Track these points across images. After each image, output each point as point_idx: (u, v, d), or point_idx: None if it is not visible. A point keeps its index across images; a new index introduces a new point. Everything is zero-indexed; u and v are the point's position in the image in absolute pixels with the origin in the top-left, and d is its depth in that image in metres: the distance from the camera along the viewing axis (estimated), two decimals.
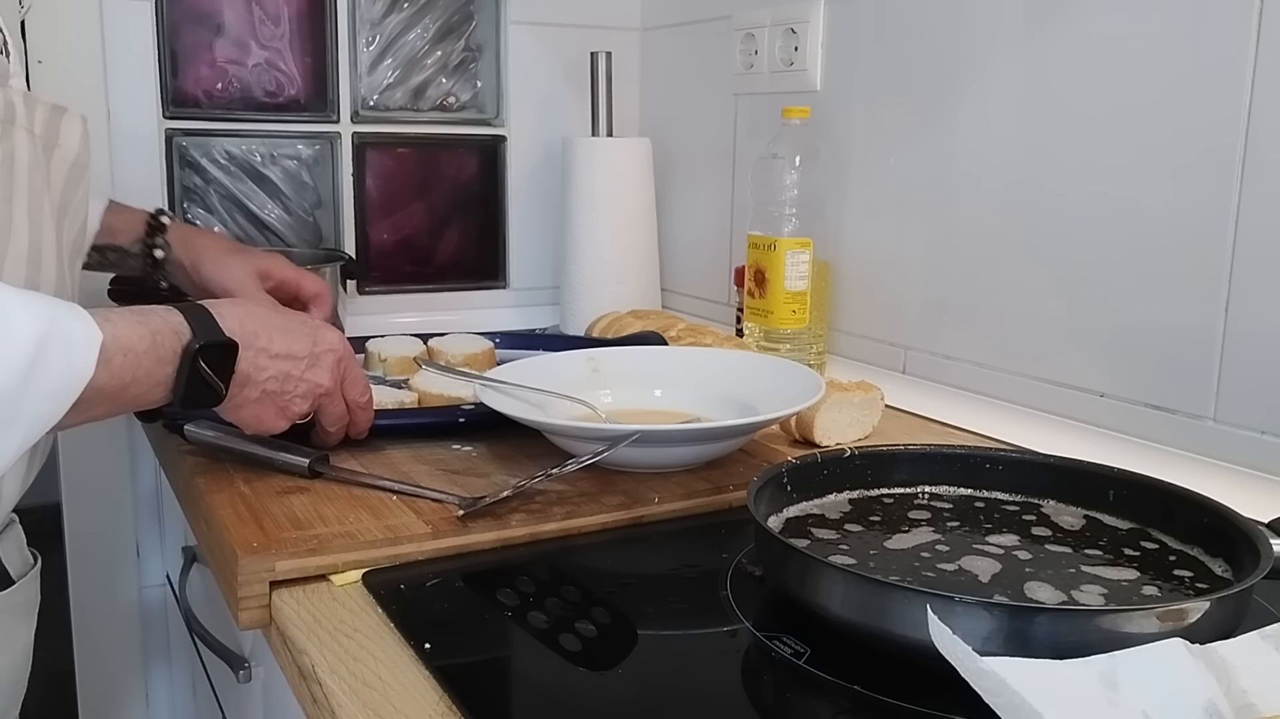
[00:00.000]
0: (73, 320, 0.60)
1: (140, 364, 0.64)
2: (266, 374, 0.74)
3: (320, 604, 0.64)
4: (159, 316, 0.67)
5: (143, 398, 0.66)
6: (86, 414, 0.62)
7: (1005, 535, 0.67)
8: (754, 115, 1.38)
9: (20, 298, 0.58)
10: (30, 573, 0.77)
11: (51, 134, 0.77)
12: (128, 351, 0.63)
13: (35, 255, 0.72)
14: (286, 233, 1.49)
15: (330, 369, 0.79)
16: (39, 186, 0.74)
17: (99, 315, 0.62)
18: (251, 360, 0.73)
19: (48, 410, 0.59)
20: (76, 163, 0.79)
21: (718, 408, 0.90)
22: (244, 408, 0.75)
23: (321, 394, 0.79)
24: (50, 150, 0.76)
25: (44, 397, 0.58)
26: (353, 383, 0.82)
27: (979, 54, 1.06)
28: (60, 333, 0.58)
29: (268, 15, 1.43)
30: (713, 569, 0.68)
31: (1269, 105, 0.82)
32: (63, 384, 0.59)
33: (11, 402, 0.56)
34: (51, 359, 0.58)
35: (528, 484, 0.75)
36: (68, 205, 0.78)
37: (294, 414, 0.78)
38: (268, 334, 0.74)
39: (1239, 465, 0.85)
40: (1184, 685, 0.46)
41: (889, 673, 0.54)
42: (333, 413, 0.81)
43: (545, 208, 1.60)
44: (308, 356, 0.77)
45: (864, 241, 1.22)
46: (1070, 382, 0.99)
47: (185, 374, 0.67)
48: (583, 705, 0.54)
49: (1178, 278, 0.89)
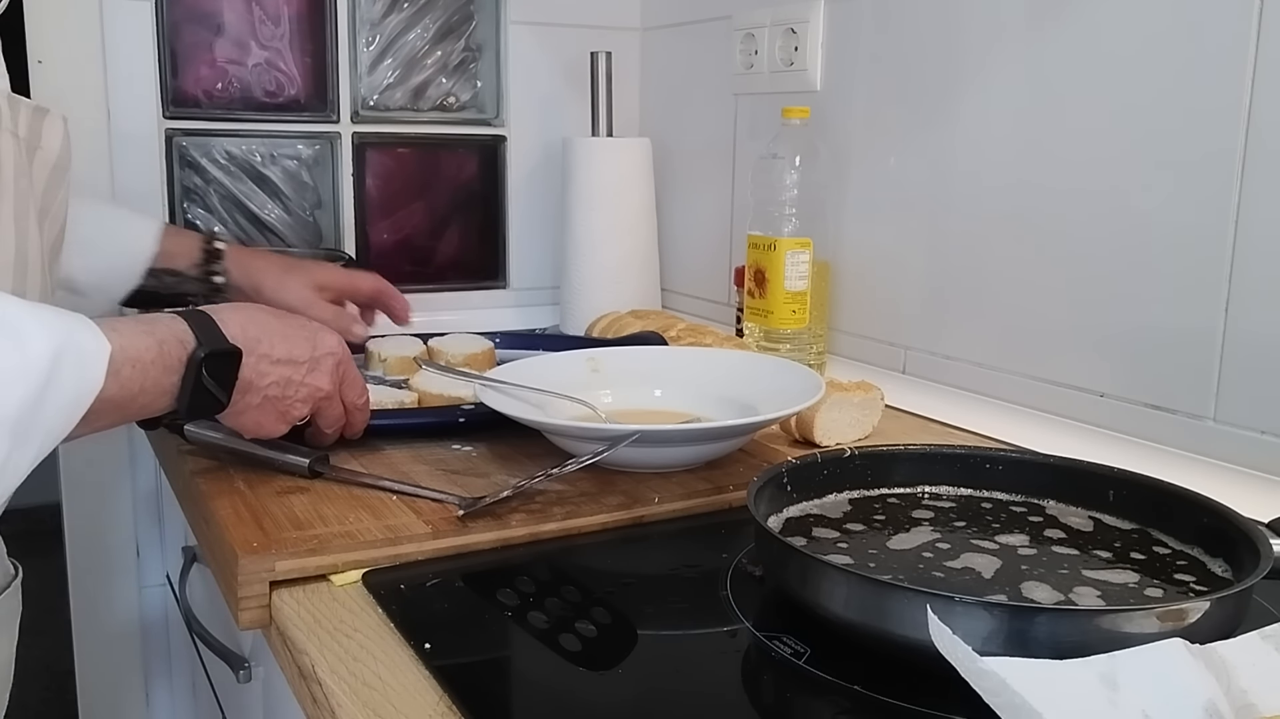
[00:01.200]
0: (82, 332, 0.59)
1: (148, 374, 0.64)
2: (268, 380, 0.74)
3: (320, 604, 0.64)
4: (164, 325, 0.67)
5: (149, 407, 0.66)
6: (93, 425, 0.62)
7: (1006, 535, 0.67)
8: (754, 115, 1.38)
9: (31, 311, 0.57)
10: (12, 585, 0.76)
11: (34, 136, 0.76)
12: (135, 362, 0.63)
13: (21, 260, 0.71)
14: (286, 233, 1.49)
15: (330, 373, 0.79)
16: (24, 190, 0.73)
17: (105, 326, 0.61)
18: (254, 367, 0.73)
19: (60, 424, 0.58)
20: (58, 164, 0.78)
21: (718, 408, 0.90)
22: (245, 414, 0.75)
23: (321, 398, 0.79)
24: (33, 153, 0.75)
25: (57, 410, 0.57)
26: (350, 385, 0.82)
27: (979, 54, 1.06)
28: (73, 346, 0.58)
29: (268, 15, 1.43)
30: (713, 569, 0.68)
31: (1269, 105, 0.82)
32: (74, 397, 0.58)
33: (29, 418, 0.55)
34: (65, 373, 0.57)
35: (528, 484, 0.75)
36: (49, 207, 0.77)
37: (294, 418, 0.78)
38: (269, 340, 0.74)
39: (1239, 465, 0.85)
40: (1184, 685, 0.46)
41: (889, 673, 0.54)
42: (330, 415, 0.81)
43: (545, 208, 1.60)
44: (308, 361, 0.77)
45: (864, 241, 1.22)
46: (1070, 382, 0.99)
47: (191, 383, 0.67)
48: (583, 705, 0.54)
49: (1178, 278, 0.89)
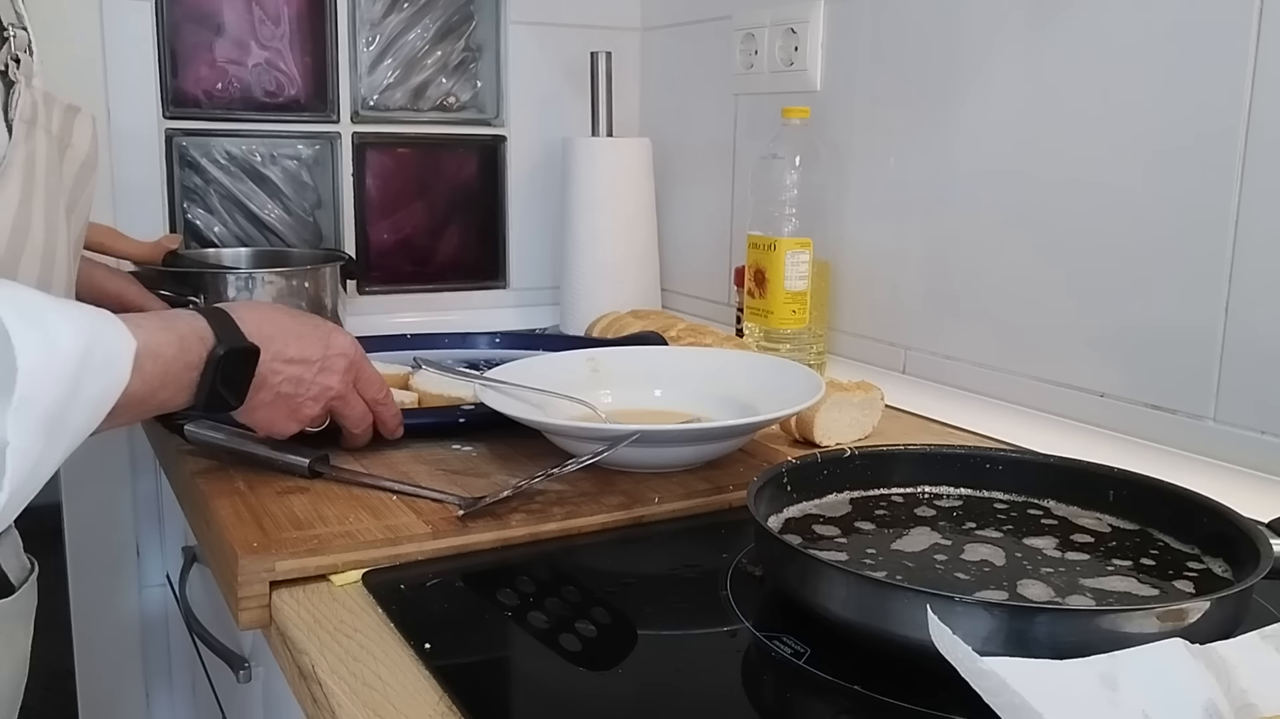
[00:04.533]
0: (108, 328, 0.60)
1: (169, 370, 0.65)
2: (280, 377, 0.76)
3: (320, 604, 0.64)
4: (185, 322, 0.68)
5: (168, 403, 0.67)
6: (115, 421, 0.62)
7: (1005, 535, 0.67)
8: (754, 115, 1.38)
9: (59, 308, 0.57)
10: (29, 579, 0.77)
11: (65, 134, 0.77)
12: (158, 358, 0.64)
13: (50, 253, 0.73)
14: (286, 233, 1.49)
15: (340, 373, 0.79)
16: (54, 186, 0.74)
17: (129, 322, 0.62)
18: (268, 364, 0.74)
19: (87, 420, 0.58)
20: (86, 163, 0.79)
21: (718, 408, 0.90)
22: (258, 410, 0.76)
23: (333, 397, 0.80)
24: (64, 150, 0.77)
25: (86, 405, 0.57)
26: (368, 382, 0.83)
27: (979, 53, 1.06)
28: (100, 342, 0.58)
29: (268, 15, 1.43)
30: (713, 569, 0.68)
31: (1269, 105, 0.82)
32: (102, 392, 0.59)
33: (61, 412, 0.55)
34: (94, 368, 0.57)
35: (528, 484, 0.75)
36: (75, 204, 0.79)
37: (305, 417, 0.79)
38: (283, 338, 0.75)
39: (1239, 465, 0.85)
40: (1184, 685, 0.46)
41: (889, 673, 0.54)
42: (352, 414, 0.82)
43: (545, 208, 1.59)
44: (320, 360, 0.78)
45: (864, 241, 1.22)
46: (1070, 381, 0.99)
47: (210, 379, 0.68)
48: (583, 705, 0.54)
49: (1178, 277, 0.89)
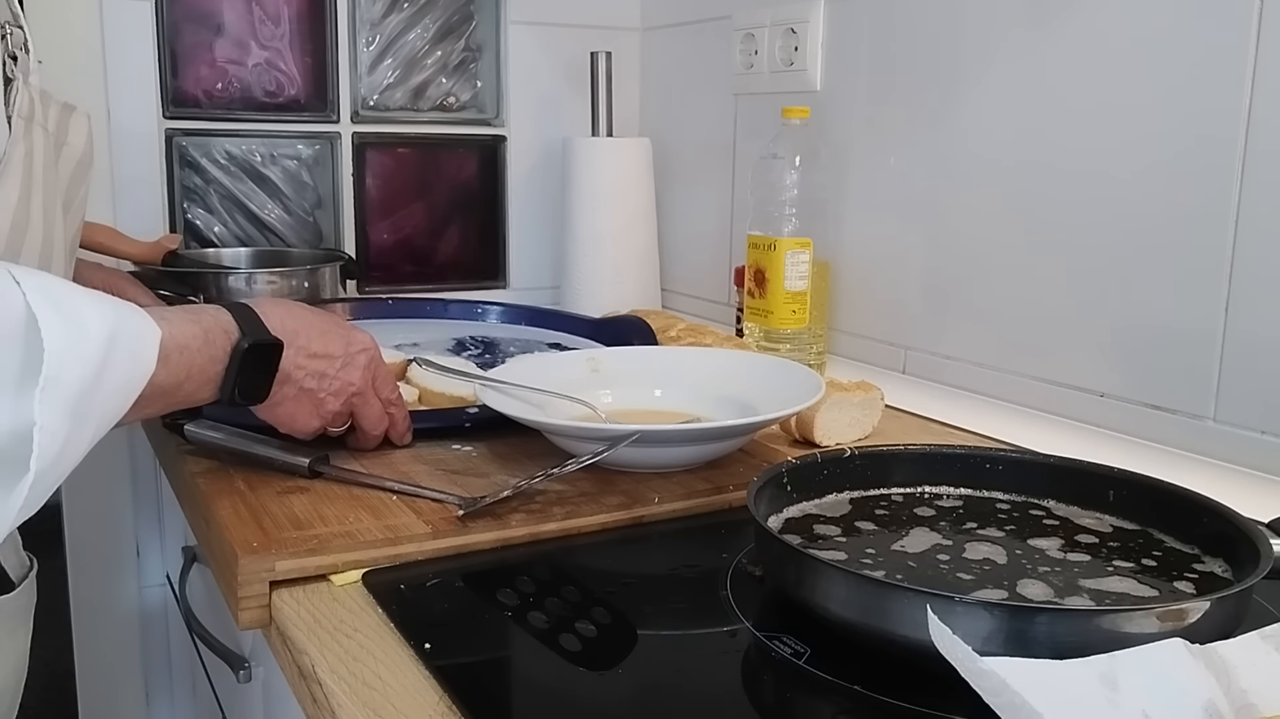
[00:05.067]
0: (134, 317, 0.60)
1: (194, 362, 0.65)
2: (304, 372, 0.76)
3: (320, 604, 0.64)
4: (209, 315, 0.68)
5: (193, 396, 0.67)
6: (142, 412, 0.63)
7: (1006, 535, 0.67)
8: (754, 115, 1.38)
9: (86, 296, 0.57)
10: (29, 576, 0.77)
11: (61, 132, 0.78)
12: (183, 349, 0.64)
13: (47, 250, 0.73)
14: (286, 233, 1.49)
15: (362, 369, 0.80)
16: (51, 183, 0.75)
17: (155, 314, 0.62)
18: (292, 359, 0.74)
19: (114, 407, 0.58)
20: (82, 161, 0.80)
21: (718, 408, 0.90)
22: (280, 405, 0.76)
23: (354, 393, 0.80)
24: (60, 148, 0.77)
25: (112, 392, 0.58)
26: (384, 382, 0.83)
27: (979, 54, 1.06)
28: (126, 330, 0.58)
29: (268, 15, 1.43)
30: (713, 569, 0.68)
31: (1269, 105, 0.82)
32: (128, 381, 0.59)
33: (88, 398, 0.55)
34: (120, 355, 0.57)
35: (528, 484, 0.75)
36: (71, 201, 0.79)
37: (326, 413, 0.79)
38: (307, 333, 0.76)
39: (1239, 465, 0.85)
40: (1184, 685, 0.46)
41: (889, 673, 0.54)
42: (370, 414, 0.82)
43: (545, 208, 1.60)
44: (342, 356, 0.79)
45: (864, 241, 1.22)
46: (1070, 382, 0.99)
47: (235, 372, 0.68)
48: (583, 705, 0.54)
49: (1178, 278, 0.89)
